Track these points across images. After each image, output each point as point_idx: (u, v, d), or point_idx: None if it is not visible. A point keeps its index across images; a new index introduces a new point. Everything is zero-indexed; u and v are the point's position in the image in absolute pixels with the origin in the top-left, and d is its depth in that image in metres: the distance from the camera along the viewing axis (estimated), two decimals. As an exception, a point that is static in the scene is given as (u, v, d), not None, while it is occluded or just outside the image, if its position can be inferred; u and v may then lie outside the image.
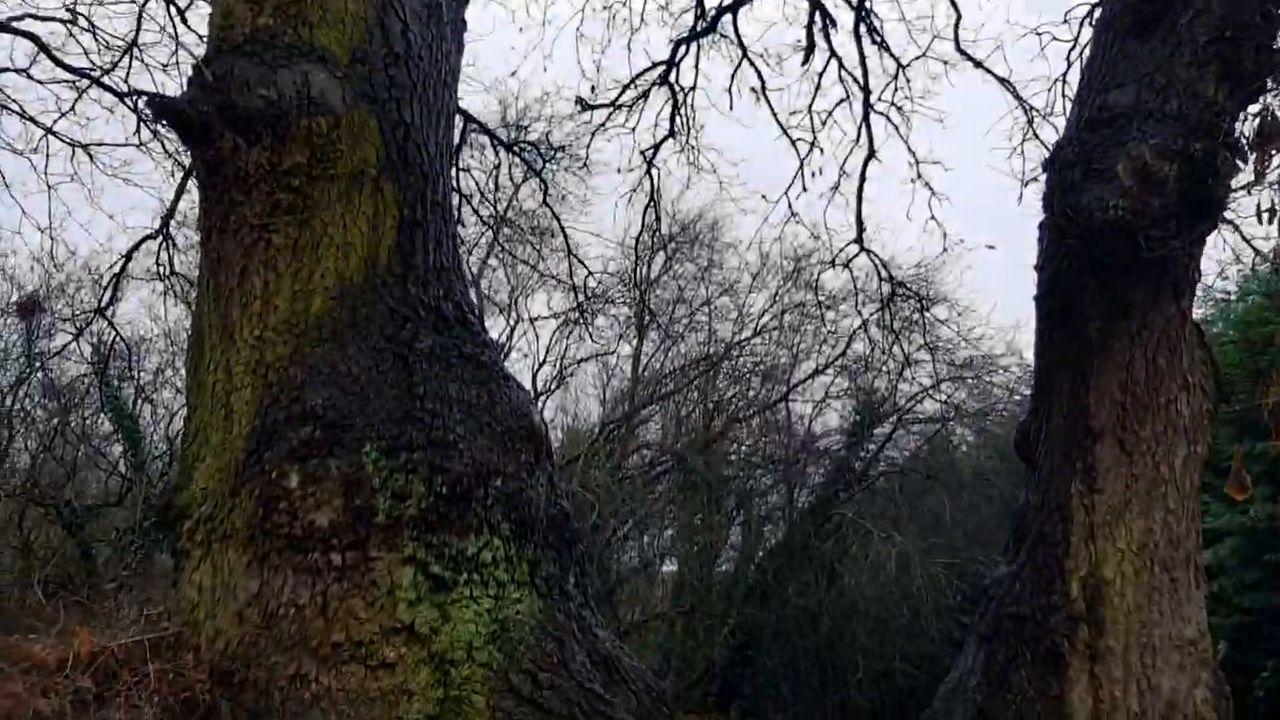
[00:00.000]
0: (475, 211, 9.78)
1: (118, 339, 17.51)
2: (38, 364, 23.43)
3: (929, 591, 15.98)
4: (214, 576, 3.13)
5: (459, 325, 3.42)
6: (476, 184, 10.18)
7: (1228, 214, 3.28)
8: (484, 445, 3.25)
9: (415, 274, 3.36)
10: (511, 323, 20.73)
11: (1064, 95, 6.07)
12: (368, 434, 3.10)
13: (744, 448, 22.11)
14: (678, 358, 21.62)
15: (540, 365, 20.75)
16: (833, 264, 8.79)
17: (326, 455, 3.05)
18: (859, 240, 7.99)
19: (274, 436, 3.08)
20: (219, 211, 3.31)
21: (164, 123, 3.48)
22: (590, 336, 18.95)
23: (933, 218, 7.73)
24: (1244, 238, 4.30)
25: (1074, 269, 3.08)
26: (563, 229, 10.00)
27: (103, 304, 10.41)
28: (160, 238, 9.34)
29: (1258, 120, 3.11)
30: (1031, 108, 6.56)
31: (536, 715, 3.06)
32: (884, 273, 8.82)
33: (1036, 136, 6.54)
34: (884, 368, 19.18)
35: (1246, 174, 3.09)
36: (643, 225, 9.13)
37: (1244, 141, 3.05)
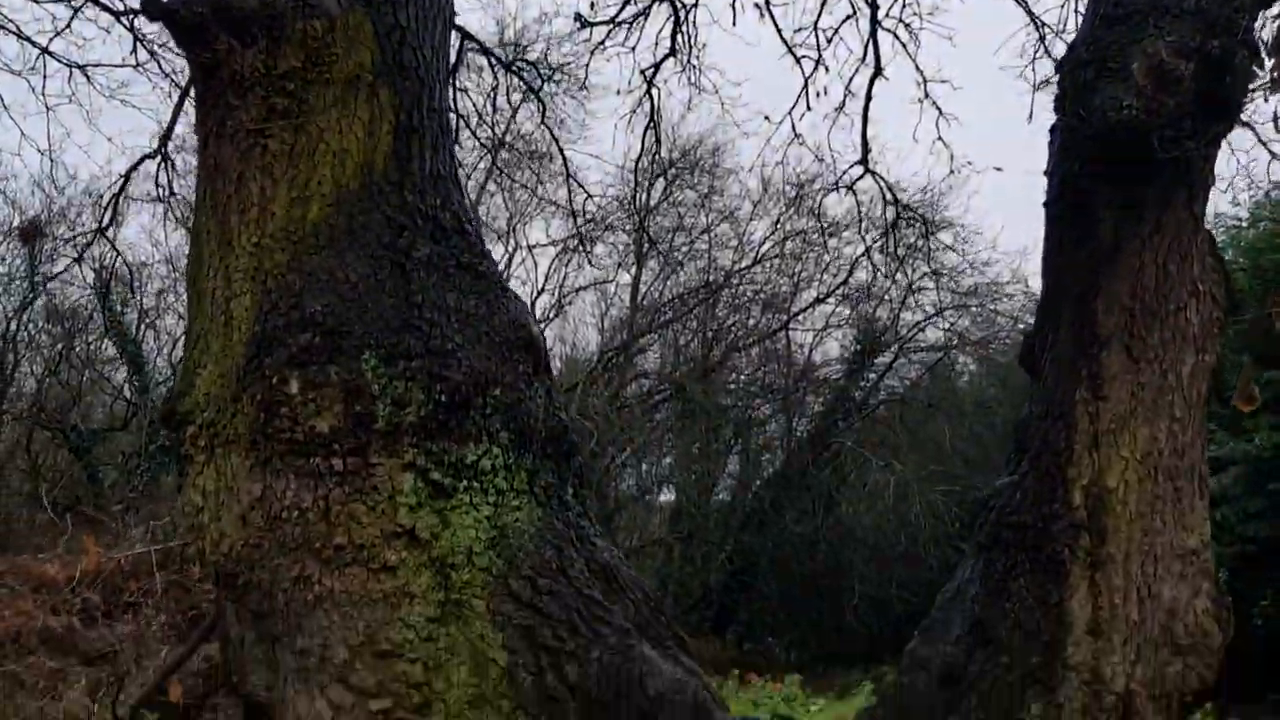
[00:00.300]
0: (473, 134, 9.68)
1: (119, 261, 17.45)
2: (40, 288, 23.43)
3: (927, 519, 16.13)
4: (217, 481, 3.12)
5: (456, 234, 3.38)
6: (474, 106, 10.07)
7: (1244, 117, 3.21)
8: (482, 355, 3.23)
9: (412, 181, 3.31)
10: (510, 250, 20.65)
11: (1076, 11, 5.95)
12: (366, 341, 3.07)
13: (743, 377, 22.15)
14: (677, 286, 21.57)
15: (538, 294, 20.70)
16: (836, 187, 8.71)
17: (326, 362, 3.03)
18: (864, 162, 7.88)
19: (274, 343, 3.06)
20: (215, 116, 3.25)
21: (159, 24, 3.39)
22: (590, 262, 18.89)
23: (940, 139, 7.64)
24: (1260, 140, 4.24)
25: (1085, 171, 3.02)
26: (561, 151, 9.90)
27: (103, 225, 10.37)
28: (158, 158, 9.26)
29: (1277, 25, 3.05)
30: (1043, 24, 6.45)
31: (536, 619, 3.07)
32: (889, 195, 8.73)
33: (1049, 54, 6.43)
34: (886, 295, 19.17)
35: (1263, 80, 3.02)
36: (642, 149, 9.03)
37: (1262, 46, 2.98)
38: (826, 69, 7.01)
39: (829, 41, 6.86)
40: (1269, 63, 2.99)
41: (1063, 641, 2.98)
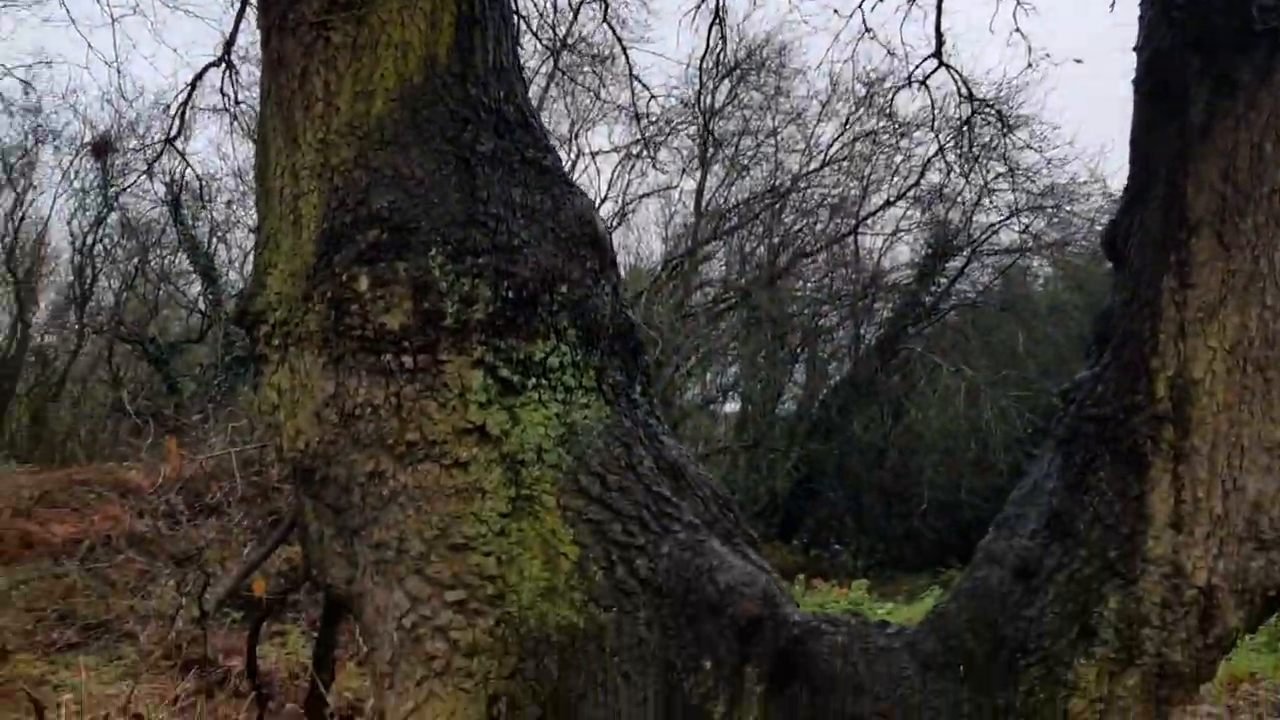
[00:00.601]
0: (535, 35, 9.56)
1: (189, 171, 17.69)
2: (113, 203, 23.86)
3: (998, 424, 15.98)
4: (292, 379, 3.16)
5: (520, 128, 3.32)
6: (535, 6, 9.91)
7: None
8: (549, 251, 3.20)
9: (475, 74, 3.25)
10: (572, 157, 20.51)
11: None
12: (433, 238, 3.06)
13: (810, 284, 21.93)
14: (742, 191, 21.34)
15: (602, 201, 20.63)
16: (909, 82, 8.47)
17: (394, 259, 3.02)
18: (937, 54, 7.65)
19: (342, 240, 3.06)
20: (277, 9, 3.22)
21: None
22: (655, 166, 18.70)
23: (1017, 29, 7.37)
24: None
25: (1177, 46, 2.87)
26: (624, 50, 9.78)
27: (171, 135, 10.51)
28: (222, 66, 9.31)
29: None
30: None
31: (606, 514, 3.09)
32: (964, 90, 8.46)
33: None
34: (959, 197, 18.76)
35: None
36: (707, 48, 8.83)
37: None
38: (899, -43, 6.76)
39: (902, -73, 6.61)
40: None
41: (1143, 535, 2.91)
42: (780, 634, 3.02)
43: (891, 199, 19.66)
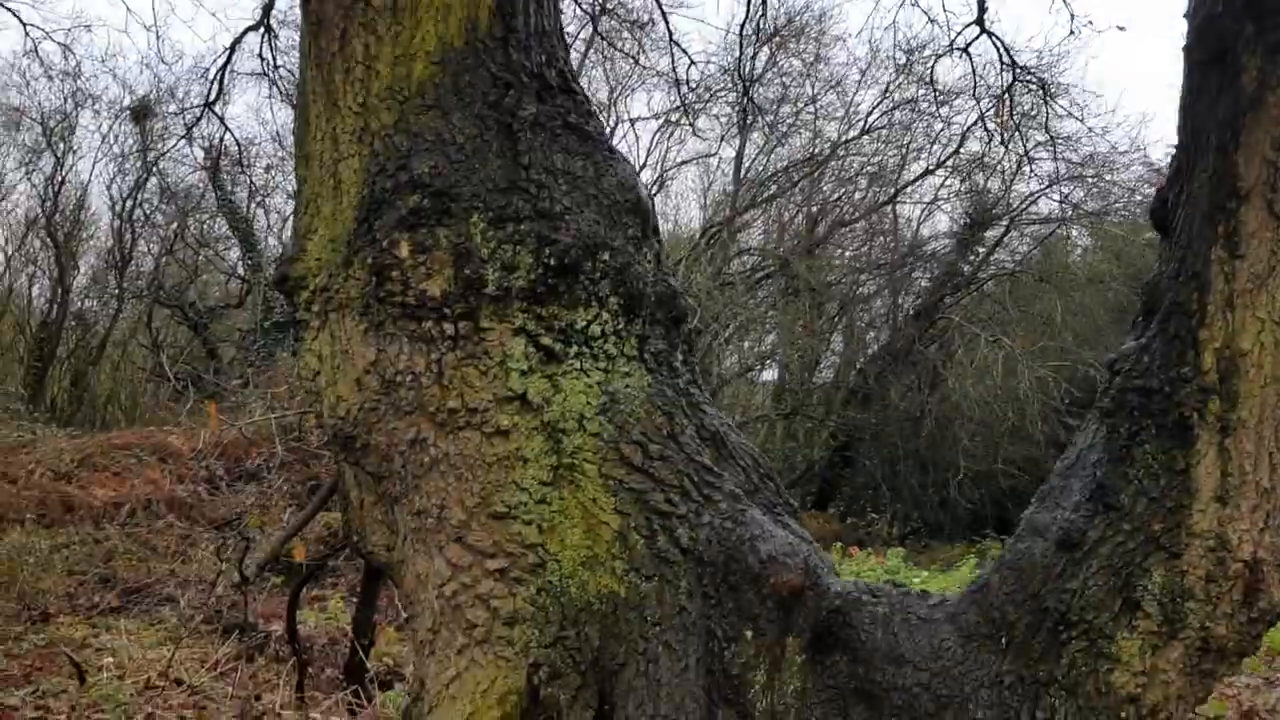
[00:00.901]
0: (575, 1, 9.48)
1: (228, 136, 17.76)
2: (153, 167, 24.02)
3: (1036, 394, 15.84)
4: (332, 345, 3.17)
5: (562, 94, 3.29)
6: (575, -32, 9.82)
7: None
8: (591, 218, 3.17)
9: (516, 38, 3.22)
10: (611, 124, 20.40)
11: None
12: (475, 204, 3.04)
13: (848, 252, 21.76)
14: (781, 159, 21.13)
15: (641, 168, 20.50)
16: (950, 49, 8.33)
17: (435, 225, 3.01)
18: (979, 21, 7.52)
19: (383, 206, 3.05)
20: (317, -28, 3.20)
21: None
22: (694, 132, 18.57)
23: (1061, -6, 7.21)
24: None
25: (1229, 12, 2.79)
26: (664, 15, 9.68)
27: (210, 100, 10.54)
28: (262, 29, 9.30)
29: None
30: None
31: (647, 484, 3.08)
32: (1005, 57, 8.32)
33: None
34: (998, 166, 18.50)
35: None
36: (747, 13, 8.73)
37: None
38: (943, -81, 6.63)
39: (946, -111, 6.46)
40: None
41: (1188, 508, 2.88)
42: (821, 604, 3.02)
43: (931, 168, 19.42)
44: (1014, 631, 2.95)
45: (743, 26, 9.61)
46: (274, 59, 9.29)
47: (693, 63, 11.51)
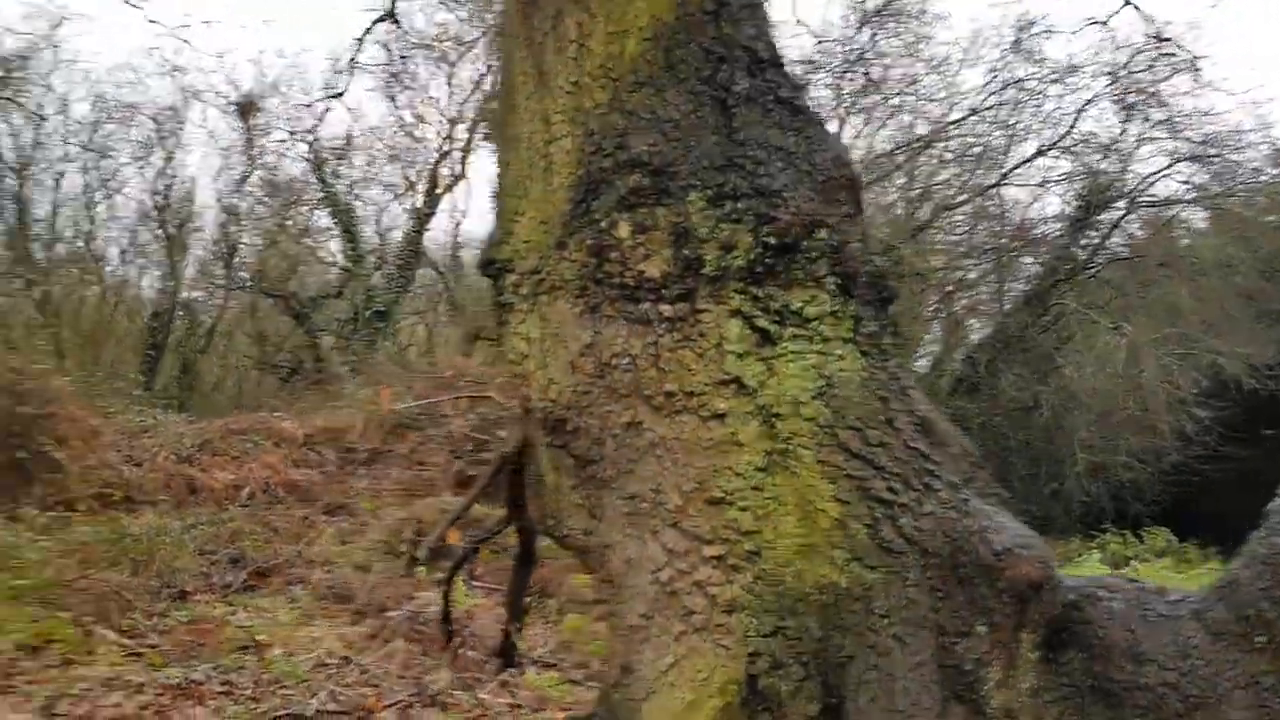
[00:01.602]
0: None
1: (327, 137, 17.97)
2: (258, 160, 24.50)
3: (1160, 384, 15.29)
4: (543, 328, 3.11)
5: (772, 67, 3.19)
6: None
7: None
8: (807, 195, 3.07)
9: (727, 11, 3.13)
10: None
11: None
12: (692, 182, 2.96)
13: (953, 237, 21.27)
14: (882, 142, 20.71)
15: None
16: (1087, 24, 8.01)
17: (654, 204, 2.93)
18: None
19: (600, 186, 2.98)
20: (530, -48, 3.14)
21: None
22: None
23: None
24: None
25: None
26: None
27: (339, 91, 10.66)
28: (382, 23, 9.34)
29: None
30: None
31: (867, 471, 2.97)
32: (1150, 31, 7.97)
33: None
34: (1114, 146, 17.90)
35: None
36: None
37: None
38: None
39: None
40: None
41: None
42: (1056, 599, 2.88)
43: (1044, 148, 18.86)
44: (1274, 630, 2.77)
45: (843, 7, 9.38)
46: (393, 52, 9.35)
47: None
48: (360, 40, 9.54)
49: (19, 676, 5.09)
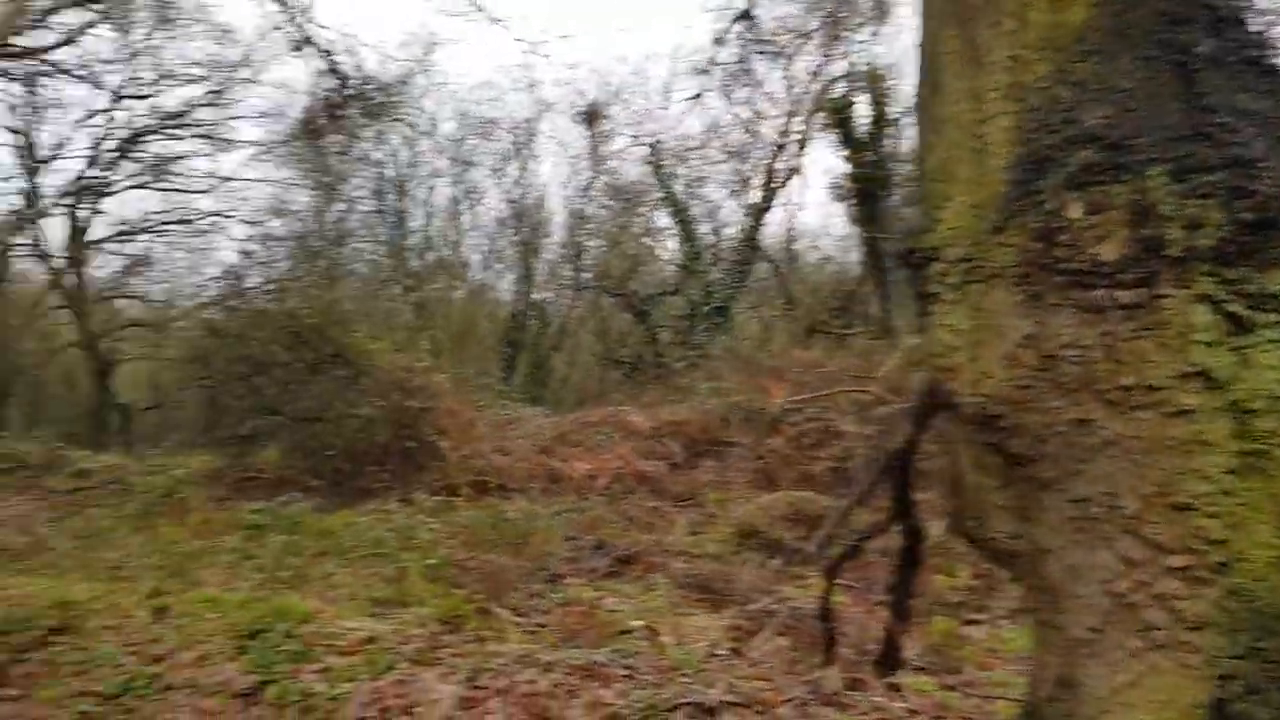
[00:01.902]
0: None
1: (666, 138, 18.50)
2: (603, 166, 25.69)
3: None
4: (975, 318, 2.94)
5: (1235, 24, 2.86)
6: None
7: None
8: (1283, 164, 2.72)
9: (1185, -35, 2.82)
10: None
11: None
12: (1152, 155, 2.69)
13: None
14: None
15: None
16: None
17: (1110, 181, 2.69)
18: None
19: (1047, 163, 2.78)
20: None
21: None
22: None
23: None
24: None
25: None
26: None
27: (698, 94, 10.90)
28: (745, 20, 9.40)
29: None
30: None
31: (1367, 477, 2.59)
32: None
33: None
34: None
35: None
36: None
37: None
38: None
39: None
40: None
41: None
42: None
43: None
44: None
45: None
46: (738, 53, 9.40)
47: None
48: (719, 40, 9.66)
49: (444, 650, 5.50)
